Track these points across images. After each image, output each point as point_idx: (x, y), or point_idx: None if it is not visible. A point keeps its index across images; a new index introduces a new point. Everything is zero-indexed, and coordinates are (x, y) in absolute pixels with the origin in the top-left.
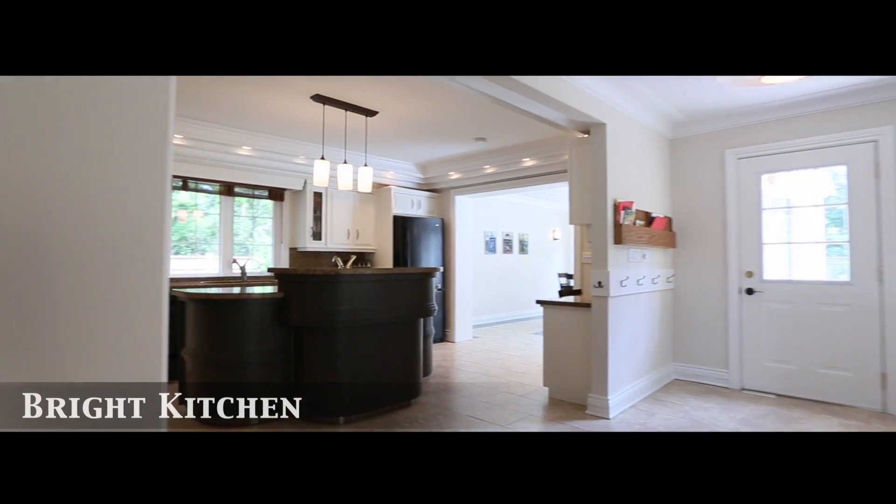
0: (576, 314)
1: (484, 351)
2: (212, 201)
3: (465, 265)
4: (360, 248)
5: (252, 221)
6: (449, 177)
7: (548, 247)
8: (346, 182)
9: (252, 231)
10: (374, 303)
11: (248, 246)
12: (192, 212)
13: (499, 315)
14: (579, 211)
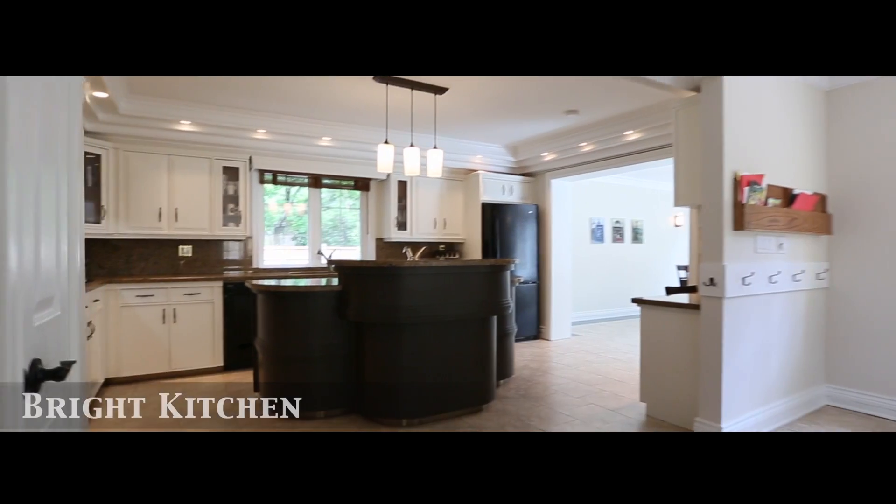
0: (681, 317)
1: (581, 352)
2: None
3: (562, 256)
4: (447, 237)
5: (342, 213)
6: (542, 158)
7: (668, 235)
8: (413, 167)
9: (342, 222)
10: (436, 298)
11: (340, 237)
12: (282, 204)
13: (605, 311)
14: (686, 189)
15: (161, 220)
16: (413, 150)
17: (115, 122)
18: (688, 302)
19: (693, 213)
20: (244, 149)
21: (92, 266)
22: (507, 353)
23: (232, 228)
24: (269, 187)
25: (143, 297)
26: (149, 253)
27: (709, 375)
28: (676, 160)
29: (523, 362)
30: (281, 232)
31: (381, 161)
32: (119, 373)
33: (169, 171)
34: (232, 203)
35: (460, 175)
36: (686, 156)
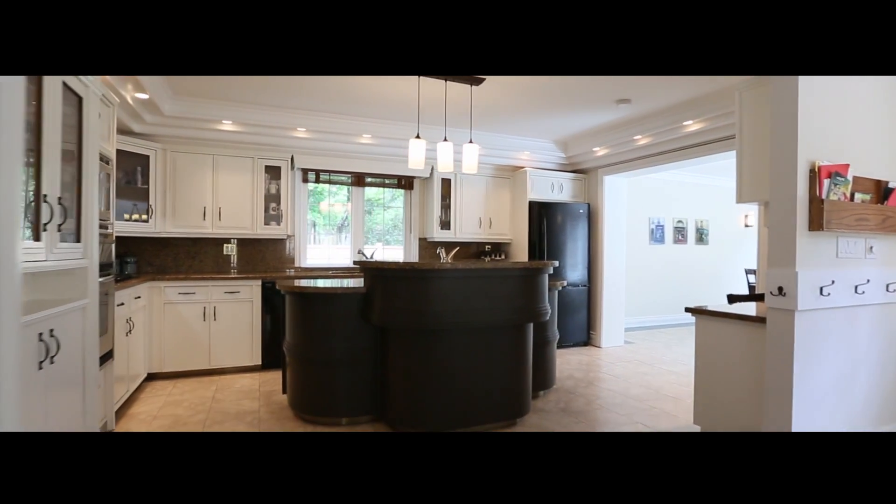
0: (743, 331)
1: (633, 362)
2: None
3: (616, 257)
4: (493, 237)
5: (385, 211)
6: (594, 154)
7: (737, 236)
8: (447, 163)
9: (385, 221)
10: (465, 303)
11: (383, 236)
12: (319, 203)
13: (664, 318)
14: (751, 183)
15: (205, 219)
16: (446, 144)
17: (162, 123)
18: (752, 314)
19: (761, 210)
20: (286, 148)
21: (142, 263)
22: (547, 362)
23: (273, 227)
24: (316, 186)
25: (184, 294)
26: (196, 251)
27: (776, 401)
28: (740, 149)
29: (568, 371)
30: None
31: (412, 157)
32: (162, 368)
33: (213, 171)
34: (274, 202)
35: (507, 172)
36: (751, 144)
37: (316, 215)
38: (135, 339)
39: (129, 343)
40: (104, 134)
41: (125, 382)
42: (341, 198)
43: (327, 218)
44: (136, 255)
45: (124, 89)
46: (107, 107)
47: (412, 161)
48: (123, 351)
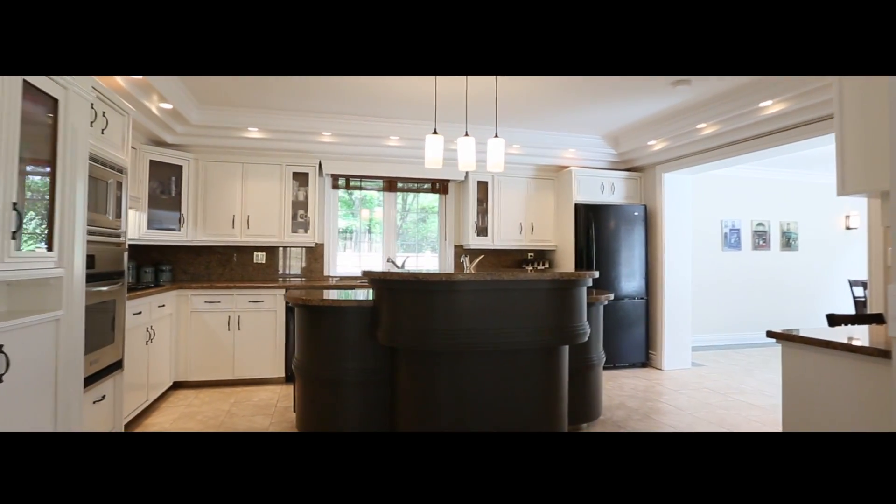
0: (854, 367)
1: (701, 389)
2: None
3: (680, 266)
4: (535, 244)
5: (419, 217)
6: (650, 148)
7: (836, 240)
8: (468, 161)
9: (418, 227)
10: (482, 321)
11: (420, 244)
12: (351, 210)
13: (741, 336)
14: (859, 169)
15: (234, 227)
16: (467, 140)
17: (191, 133)
18: (865, 345)
19: (872, 205)
20: (313, 153)
21: (177, 271)
22: (590, 390)
23: (301, 235)
24: (347, 193)
25: (210, 303)
26: (226, 259)
27: None
28: (840, 127)
29: (620, 399)
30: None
31: (429, 155)
32: (187, 377)
33: (242, 179)
34: (301, 209)
35: (550, 173)
36: (859, 119)
37: (349, 222)
38: (157, 348)
39: (150, 352)
40: (116, 142)
41: (143, 392)
42: (373, 204)
43: (362, 225)
44: (171, 263)
45: (148, 100)
46: (121, 115)
47: (429, 160)
48: (142, 360)
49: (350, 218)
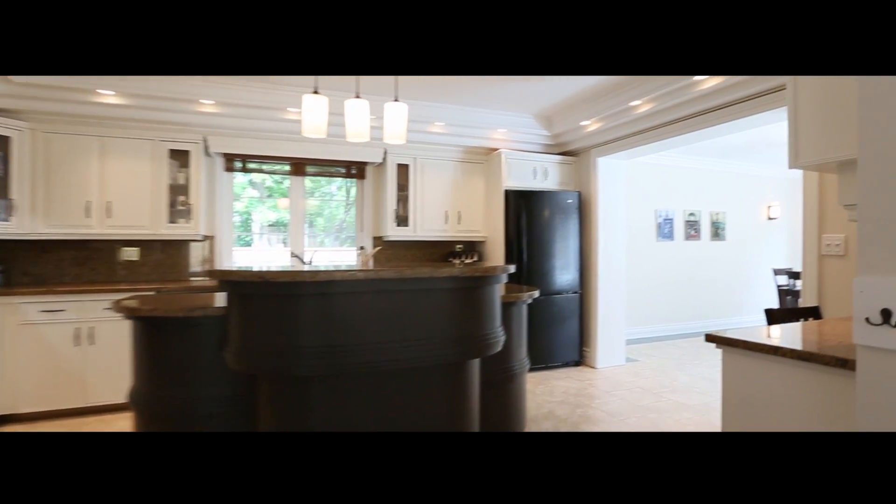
0: (807, 378)
1: (635, 389)
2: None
3: (614, 257)
4: (463, 235)
5: (331, 205)
6: (584, 129)
7: (759, 230)
8: (358, 129)
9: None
10: (365, 334)
11: (338, 235)
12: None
13: (674, 326)
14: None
15: (90, 216)
16: (357, 103)
17: (20, 94)
18: (818, 352)
19: (808, 188)
20: (194, 127)
21: (14, 273)
22: (510, 405)
23: (181, 226)
24: (246, 178)
25: (49, 311)
26: (85, 257)
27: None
28: (795, 96)
29: (549, 406)
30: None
31: (307, 122)
32: (17, 408)
33: (101, 157)
34: (182, 195)
35: (479, 156)
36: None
37: (253, 210)
38: None
39: None
40: None
41: None
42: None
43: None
44: (5, 262)
45: None
46: None
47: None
48: None
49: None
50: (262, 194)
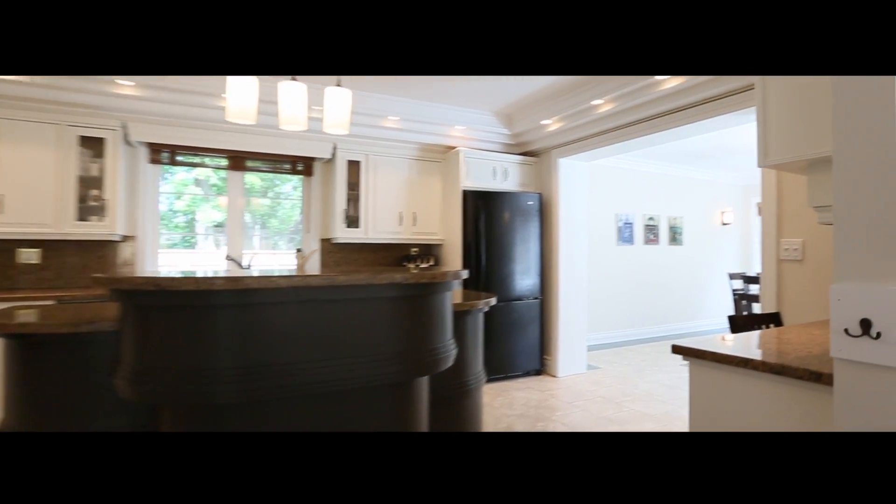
0: (773, 389)
1: (596, 399)
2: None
3: (575, 261)
4: (418, 238)
5: (286, 206)
6: (545, 129)
7: (713, 235)
8: (293, 116)
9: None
10: (293, 351)
11: (283, 237)
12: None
13: (635, 331)
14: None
15: None
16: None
17: None
18: (790, 364)
19: (766, 193)
20: (111, 112)
21: None
22: (465, 423)
23: (94, 224)
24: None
25: None
26: None
27: None
28: (764, 93)
29: (509, 420)
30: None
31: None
32: None
33: None
34: (95, 189)
35: (437, 154)
36: (786, 81)
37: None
38: None
39: None
40: None
41: None
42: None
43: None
44: None
45: None
46: None
47: (231, 111)
48: None
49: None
50: (206, 192)
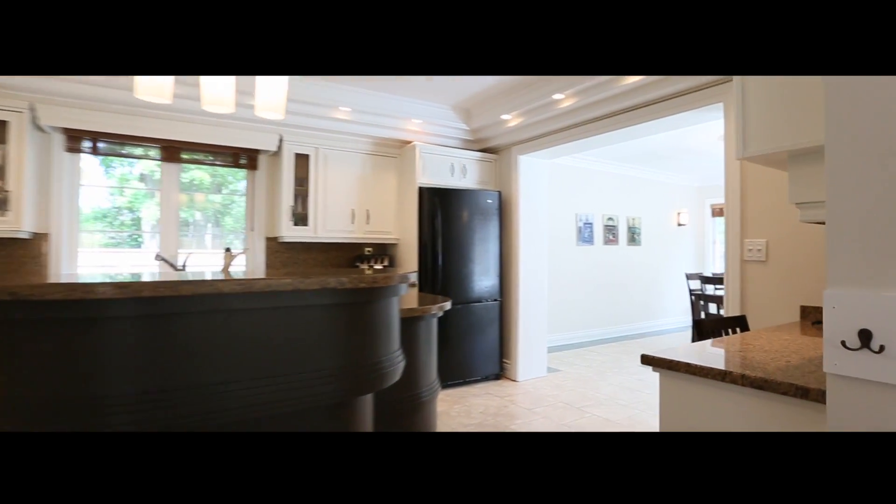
0: (755, 406)
1: (557, 406)
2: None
3: (535, 263)
4: (373, 237)
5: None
6: (505, 124)
7: (670, 236)
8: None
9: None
10: (206, 371)
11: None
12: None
13: (597, 331)
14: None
15: None
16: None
17: None
18: (775, 378)
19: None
20: (15, 90)
21: None
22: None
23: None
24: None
25: None
26: None
27: None
28: (743, 79)
29: (467, 430)
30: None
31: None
32: None
33: None
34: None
35: (392, 149)
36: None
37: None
38: None
39: None
40: None
41: None
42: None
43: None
44: None
45: None
46: None
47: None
48: None
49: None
50: (151, 187)
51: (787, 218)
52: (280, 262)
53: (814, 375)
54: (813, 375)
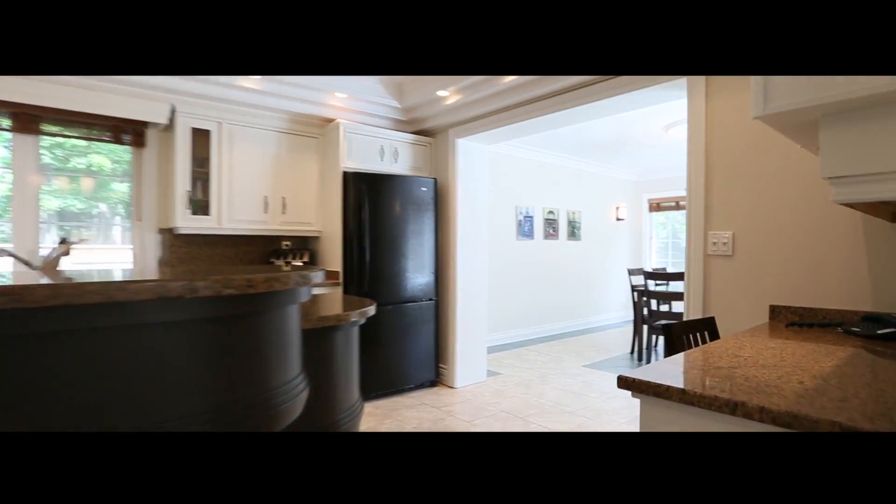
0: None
1: (499, 416)
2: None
3: (474, 258)
4: (289, 229)
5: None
6: (441, 102)
7: (609, 231)
8: None
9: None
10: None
11: (94, 224)
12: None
13: (539, 329)
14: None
15: None
16: None
17: None
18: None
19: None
20: None
21: None
22: None
23: None
24: None
25: None
26: None
27: None
28: None
29: None
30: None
31: None
32: None
33: None
34: None
35: (314, 128)
36: None
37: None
38: None
39: None
40: None
41: None
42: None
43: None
44: None
45: None
46: None
47: None
48: None
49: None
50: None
51: (756, 208)
52: (177, 259)
53: (845, 405)
54: (844, 405)
